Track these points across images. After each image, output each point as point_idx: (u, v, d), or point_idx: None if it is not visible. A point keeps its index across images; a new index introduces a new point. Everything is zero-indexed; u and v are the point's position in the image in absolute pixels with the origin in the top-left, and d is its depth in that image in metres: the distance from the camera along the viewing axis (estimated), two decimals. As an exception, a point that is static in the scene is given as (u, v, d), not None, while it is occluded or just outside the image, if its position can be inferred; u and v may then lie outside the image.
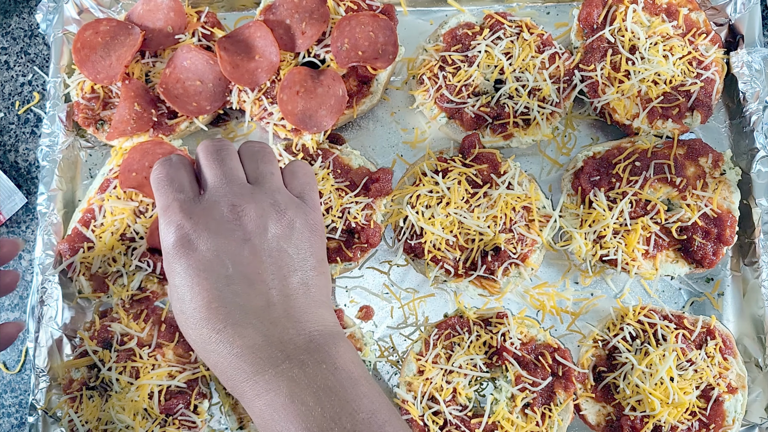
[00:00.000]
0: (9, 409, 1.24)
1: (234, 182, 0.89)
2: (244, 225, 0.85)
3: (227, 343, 0.80)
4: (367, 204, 1.16)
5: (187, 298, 0.82)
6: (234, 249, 0.84)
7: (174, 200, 0.87)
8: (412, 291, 1.23)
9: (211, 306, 0.81)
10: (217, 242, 0.83)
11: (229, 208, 0.86)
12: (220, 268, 0.82)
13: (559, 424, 1.09)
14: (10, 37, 1.40)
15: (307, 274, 0.87)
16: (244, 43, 1.21)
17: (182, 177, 0.90)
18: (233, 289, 0.82)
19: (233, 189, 0.88)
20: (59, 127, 1.23)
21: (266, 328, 0.80)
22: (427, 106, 1.23)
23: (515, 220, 1.14)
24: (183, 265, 0.83)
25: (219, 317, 0.81)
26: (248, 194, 0.88)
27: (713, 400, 1.08)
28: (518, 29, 1.22)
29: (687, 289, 1.22)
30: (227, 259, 0.83)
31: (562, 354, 1.11)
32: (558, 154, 1.27)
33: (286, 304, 0.83)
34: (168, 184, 0.89)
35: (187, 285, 0.82)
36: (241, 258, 0.83)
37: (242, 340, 0.80)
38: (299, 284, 0.86)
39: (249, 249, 0.84)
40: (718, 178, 1.15)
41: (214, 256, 0.83)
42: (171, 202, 0.87)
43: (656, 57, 1.17)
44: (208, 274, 0.82)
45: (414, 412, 1.08)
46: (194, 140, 1.29)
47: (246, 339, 0.80)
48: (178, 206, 0.86)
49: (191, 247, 0.83)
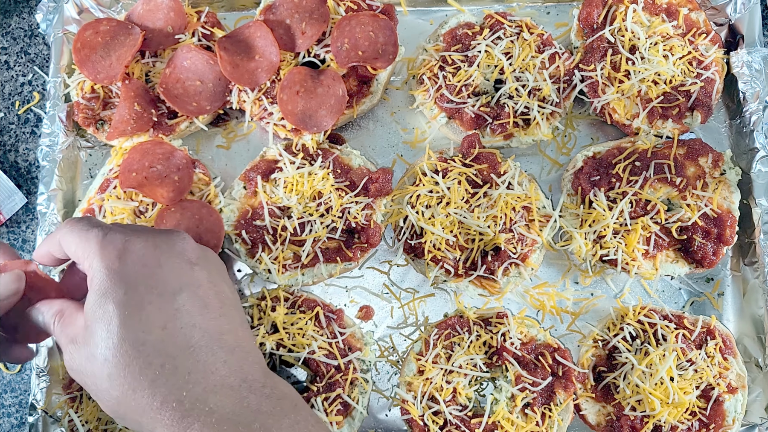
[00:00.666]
0: (9, 409, 1.24)
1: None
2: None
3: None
4: (367, 204, 1.16)
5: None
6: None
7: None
8: (412, 291, 1.23)
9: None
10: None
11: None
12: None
13: (559, 424, 1.09)
14: (10, 37, 1.40)
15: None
16: (244, 43, 1.21)
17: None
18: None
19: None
20: (59, 127, 1.23)
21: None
22: (427, 106, 1.23)
23: (515, 220, 1.14)
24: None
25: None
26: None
27: (713, 400, 1.08)
28: (518, 29, 1.22)
29: (687, 289, 1.22)
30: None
31: (562, 354, 1.11)
32: (558, 154, 1.27)
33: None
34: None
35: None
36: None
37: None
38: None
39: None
40: (718, 178, 1.15)
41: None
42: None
43: (656, 57, 1.17)
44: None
45: (414, 412, 1.08)
46: (194, 140, 1.29)
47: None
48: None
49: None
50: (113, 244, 0.80)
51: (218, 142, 1.30)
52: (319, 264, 1.15)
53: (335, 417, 1.08)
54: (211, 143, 1.30)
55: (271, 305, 1.12)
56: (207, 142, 1.30)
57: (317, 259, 1.15)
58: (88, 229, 0.82)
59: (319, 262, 1.15)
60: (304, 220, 1.15)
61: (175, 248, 0.84)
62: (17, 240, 1.30)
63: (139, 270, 0.80)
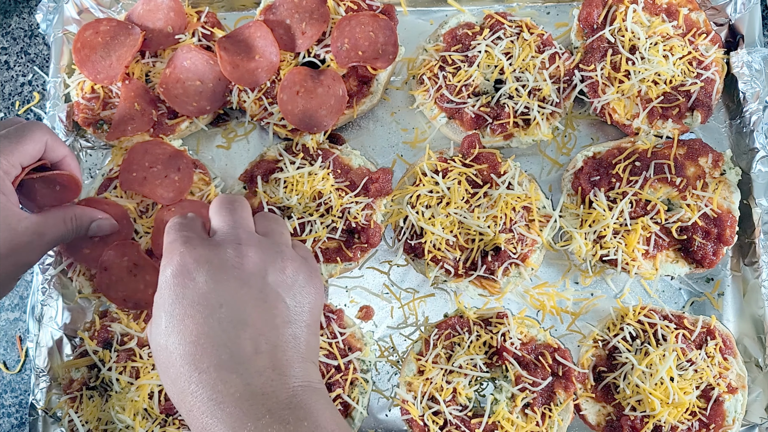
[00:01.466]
0: (9, 409, 1.24)
1: (242, 228, 0.89)
2: (245, 267, 0.84)
3: (208, 386, 0.76)
4: (367, 204, 1.16)
5: (175, 331, 0.79)
6: (231, 289, 0.82)
7: (180, 236, 0.86)
8: (412, 291, 1.23)
9: (198, 342, 0.78)
10: (216, 279, 0.82)
11: (234, 249, 0.85)
12: (215, 306, 0.80)
13: (559, 424, 1.09)
14: (10, 37, 1.40)
15: (299, 329, 0.85)
16: (244, 43, 1.21)
17: (192, 224, 0.90)
18: (224, 328, 0.79)
19: (240, 234, 0.88)
20: (59, 127, 1.23)
21: (251, 377, 0.77)
22: (427, 106, 1.23)
23: (515, 220, 1.14)
24: (178, 295, 0.81)
25: (205, 355, 0.78)
26: (255, 240, 0.87)
27: (713, 400, 1.08)
28: (518, 29, 1.22)
29: (687, 289, 1.22)
30: (223, 297, 0.81)
31: (562, 354, 1.11)
32: (558, 154, 1.27)
33: (273, 355, 0.80)
34: (177, 227, 0.89)
35: (178, 316, 0.80)
36: (237, 299, 0.81)
37: (225, 387, 0.76)
38: (290, 336, 0.83)
39: (246, 292, 0.82)
40: (718, 178, 1.15)
41: (211, 290, 0.81)
42: (177, 237, 0.86)
43: (656, 57, 1.17)
44: (201, 308, 0.80)
45: (414, 412, 1.08)
46: (194, 140, 1.29)
47: (229, 386, 0.76)
48: (182, 240, 0.85)
49: (189, 278, 0.82)
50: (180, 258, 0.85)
51: (218, 142, 1.30)
52: (319, 264, 1.15)
53: (335, 417, 1.08)
54: (211, 143, 1.30)
55: (271, 305, 1.12)
56: (207, 142, 1.30)
57: (317, 259, 1.15)
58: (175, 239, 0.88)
59: (319, 262, 1.15)
60: (304, 220, 1.15)
61: (276, 264, 0.87)
62: (17, 240, 1.30)
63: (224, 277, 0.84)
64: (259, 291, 0.83)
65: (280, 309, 0.84)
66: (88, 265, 1.16)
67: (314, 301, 0.89)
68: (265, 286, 0.84)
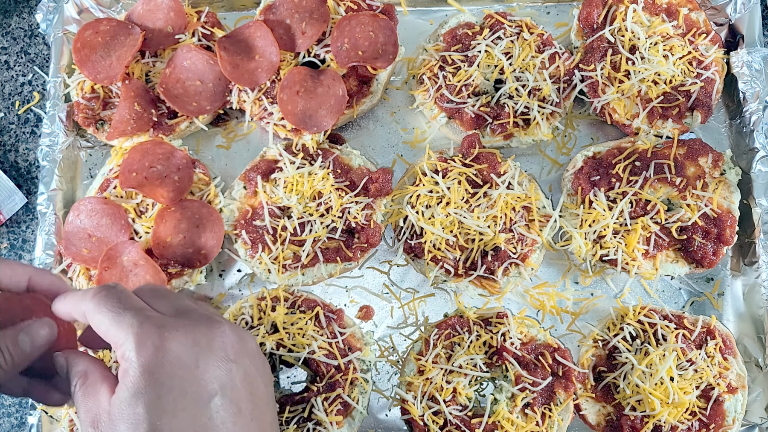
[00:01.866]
0: (9, 409, 1.24)
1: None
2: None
3: None
4: (367, 204, 1.16)
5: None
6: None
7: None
8: (412, 291, 1.23)
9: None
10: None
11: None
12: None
13: (559, 424, 1.09)
14: (10, 37, 1.40)
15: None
16: (244, 43, 1.21)
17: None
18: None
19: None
20: (59, 127, 1.23)
21: None
22: (427, 106, 1.23)
23: (515, 220, 1.14)
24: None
25: None
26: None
27: (713, 400, 1.08)
28: (518, 29, 1.22)
29: (687, 289, 1.22)
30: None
31: (562, 354, 1.11)
32: (558, 154, 1.27)
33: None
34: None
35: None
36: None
37: None
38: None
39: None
40: (718, 178, 1.15)
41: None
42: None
43: (656, 57, 1.17)
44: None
45: (414, 412, 1.08)
46: (194, 140, 1.29)
47: None
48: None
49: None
50: (150, 339, 0.75)
51: (218, 142, 1.30)
52: (319, 264, 1.15)
53: (335, 417, 1.08)
54: (211, 143, 1.30)
55: (271, 305, 1.12)
56: (207, 142, 1.30)
57: (317, 259, 1.15)
58: (121, 312, 0.77)
59: (319, 262, 1.15)
60: (304, 220, 1.15)
61: (215, 345, 0.79)
62: (17, 240, 1.30)
63: (175, 371, 0.75)
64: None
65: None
66: (88, 265, 1.15)
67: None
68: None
